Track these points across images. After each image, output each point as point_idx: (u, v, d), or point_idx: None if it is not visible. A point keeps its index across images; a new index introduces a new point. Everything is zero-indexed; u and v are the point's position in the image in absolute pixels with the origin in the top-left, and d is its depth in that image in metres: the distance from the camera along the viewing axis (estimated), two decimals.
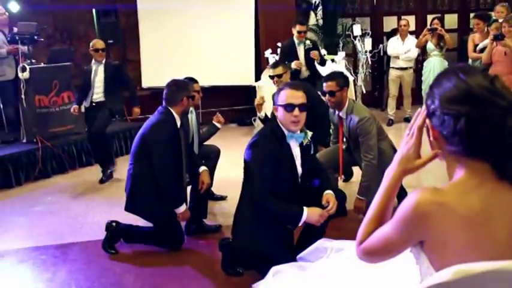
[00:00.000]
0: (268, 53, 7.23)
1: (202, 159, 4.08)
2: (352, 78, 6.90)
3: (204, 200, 4.03)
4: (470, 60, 6.39)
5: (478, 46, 6.15)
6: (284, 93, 2.99)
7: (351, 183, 4.76)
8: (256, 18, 8.00)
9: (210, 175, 3.93)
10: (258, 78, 7.72)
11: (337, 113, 4.05)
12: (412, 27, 8.37)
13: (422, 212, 1.20)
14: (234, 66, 7.94)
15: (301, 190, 3.12)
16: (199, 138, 4.44)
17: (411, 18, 8.51)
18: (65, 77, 6.25)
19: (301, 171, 3.10)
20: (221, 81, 7.85)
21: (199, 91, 4.38)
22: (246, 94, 8.17)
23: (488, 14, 6.83)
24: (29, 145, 5.83)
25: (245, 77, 7.94)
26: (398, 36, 7.55)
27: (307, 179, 3.19)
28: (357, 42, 7.70)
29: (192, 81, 4.28)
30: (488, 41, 5.75)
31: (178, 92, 3.70)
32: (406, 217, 1.23)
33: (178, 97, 3.68)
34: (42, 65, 6.17)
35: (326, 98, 3.94)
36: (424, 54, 7.95)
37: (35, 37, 5.94)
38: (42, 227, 4.31)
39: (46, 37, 6.83)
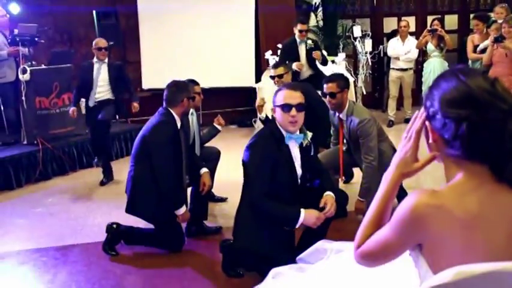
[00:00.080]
0: (268, 54, 7.23)
1: (203, 161, 4.08)
2: (352, 79, 6.90)
3: (205, 201, 4.03)
4: (470, 62, 6.39)
5: (478, 47, 6.15)
6: (281, 93, 3.00)
7: (351, 185, 4.76)
8: (256, 19, 8.00)
9: (210, 177, 3.93)
10: (258, 79, 7.72)
11: (337, 114, 4.05)
12: (412, 28, 8.37)
13: (420, 214, 1.20)
14: (234, 68, 7.94)
15: (301, 191, 3.11)
16: (200, 140, 4.44)
17: (411, 19, 8.53)
18: (66, 79, 6.26)
19: (300, 172, 3.10)
20: (221, 83, 7.86)
21: (200, 93, 4.38)
22: (247, 95, 8.17)
23: (487, 14, 6.83)
24: (29, 147, 5.83)
25: (245, 79, 7.95)
26: (398, 37, 7.55)
27: (307, 180, 3.19)
28: (357, 44, 7.71)
29: (192, 83, 4.28)
30: (488, 42, 5.75)
31: (179, 93, 3.70)
32: (403, 219, 1.23)
33: (178, 98, 3.68)
34: (43, 66, 6.17)
35: (327, 99, 3.95)
36: (424, 55, 7.96)
37: (36, 39, 5.94)
38: (43, 228, 4.31)
39: (46, 39, 6.83)
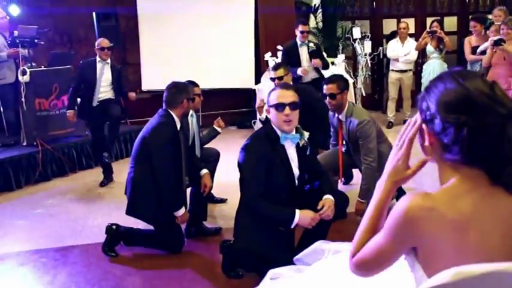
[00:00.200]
0: (268, 56, 7.24)
1: (202, 162, 4.09)
2: (351, 81, 6.91)
3: (204, 202, 4.04)
4: (469, 63, 6.40)
5: (478, 48, 6.15)
6: (274, 93, 3.01)
7: (351, 186, 4.77)
8: (256, 21, 8.01)
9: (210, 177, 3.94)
10: (258, 81, 7.73)
11: (336, 115, 4.06)
12: (412, 30, 8.38)
13: (412, 217, 1.19)
14: (234, 69, 7.95)
15: (300, 192, 3.11)
16: (199, 141, 4.44)
17: (411, 21, 8.54)
18: (65, 80, 6.24)
19: (298, 173, 3.09)
20: (221, 84, 7.86)
21: (200, 94, 4.38)
22: (246, 97, 8.19)
23: (485, 16, 6.84)
24: (29, 148, 5.83)
25: (245, 80, 7.95)
26: (397, 38, 7.56)
27: (306, 181, 3.19)
28: (357, 45, 7.72)
29: (192, 84, 4.28)
30: (488, 44, 5.76)
31: (179, 94, 3.71)
32: (396, 223, 1.23)
33: (178, 99, 3.69)
34: (43, 68, 6.17)
35: (327, 100, 3.96)
36: (423, 56, 7.98)
37: (35, 40, 5.94)
38: (43, 229, 4.31)
39: (46, 40, 6.83)
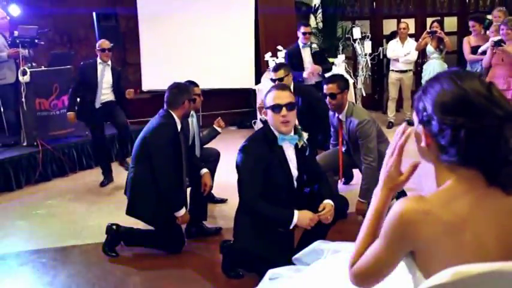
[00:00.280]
0: (268, 56, 7.24)
1: (202, 162, 4.09)
2: (352, 81, 6.90)
3: (204, 202, 4.04)
4: (469, 63, 6.40)
5: (480, 48, 6.15)
6: (270, 95, 2.99)
7: (351, 186, 4.77)
8: (256, 21, 8.01)
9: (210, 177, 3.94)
10: (258, 81, 7.73)
11: (336, 115, 4.06)
12: (412, 30, 8.38)
13: (408, 221, 1.19)
14: (234, 70, 7.95)
15: (298, 193, 3.11)
16: (200, 141, 4.45)
17: (411, 21, 8.54)
18: (66, 81, 6.25)
19: (296, 174, 3.08)
20: (221, 84, 7.86)
21: (200, 94, 4.39)
22: (246, 97, 8.19)
23: (483, 16, 6.84)
24: (29, 148, 5.83)
25: (245, 80, 7.95)
26: (397, 39, 7.56)
27: (305, 183, 3.18)
28: (357, 45, 7.71)
29: (192, 84, 4.28)
30: (489, 44, 5.76)
31: (180, 95, 3.70)
32: (392, 228, 1.22)
33: (179, 100, 3.69)
34: (43, 68, 6.17)
35: (327, 100, 3.96)
36: (423, 57, 7.98)
37: (36, 41, 5.94)
38: (43, 230, 4.31)
39: (46, 41, 6.84)
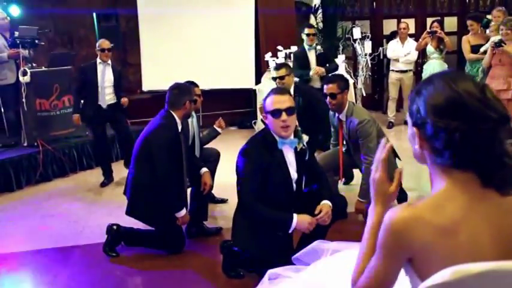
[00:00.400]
0: (268, 56, 7.24)
1: (202, 162, 4.09)
2: (352, 81, 6.90)
3: (205, 202, 4.04)
4: (468, 63, 6.39)
5: (481, 48, 6.14)
6: (270, 100, 2.97)
7: (351, 186, 4.77)
8: (256, 21, 8.02)
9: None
10: (258, 81, 7.73)
11: (337, 115, 4.07)
12: (412, 30, 8.39)
13: (399, 229, 1.19)
14: (234, 70, 7.95)
15: (297, 196, 3.11)
16: (200, 141, 4.45)
17: (411, 21, 8.54)
18: (66, 81, 6.27)
19: (296, 176, 3.08)
20: (221, 85, 7.87)
21: (200, 95, 4.39)
22: (246, 97, 8.19)
23: (481, 15, 6.84)
24: (29, 149, 5.84)
25: (245, 80, 7.96)
26: (398, 39, 7.57)
27: (305, 184, 3.18)
28: (357, 45, 7.70)
29: (192, 85, 4.28)
30: (489, 44, 5.76)
31: (181, 95, 3.70)
32: (385, 239, 1.23)
33: (181, 101, 3.69)
34: (43, 68, 6.17)
35: (327, 100, 3.96)
36: (423, 57, 7.98)
37: (36, 41, 5.95)
38: (43, 230, 4.31)
39: (47, 41, 6.85)
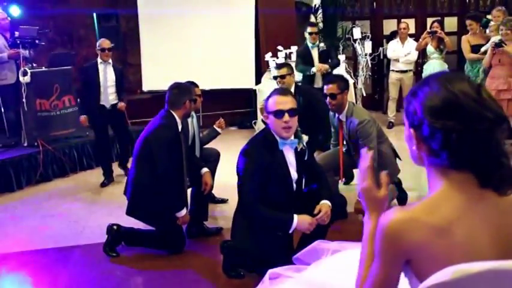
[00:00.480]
0: (268, 57, 7.24)
1: (202, 162, 4.09)
2: (352, 81, 6.90)
3: (205, 202, 4.04)
4: (468, 63, 6.39)
5: (482, 48, 6.14)
6: (272, 100, 2.98)
7: (351, 186, 4.77)
8: (256, 21, 8.02)
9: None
10: (258, 81, 7.73)
11: (337, 115, 4.07)
12: (412, 30, 8.39)
13: (393, 232, 1.20)
14: (234, 70, 7.95)
15: (297, 196, 3.11)
16: (199, 141, 4.45)
17: (411, 21, 8.54)
18: (66, 81, 6.27)
19: (296, 177, 3.09)
20: (221, 85, 7.87)
21: (200, 95, 4.39)
22: (247, 97, 8.19)
23: (480, 14, 6.84)
24: (30, 149, 5.84)
25: (245, 81, 7.96)
26: (398, 39, 7.57)
27: (305, 184, 3.18)
28: (357, 45, 7.71)
29: (192, 85, 4.29)
30: (489, 44, 5.76)
31: (181, 95, 3.71)
32: (381, 244, 1.23)
33: (181, 100, 3.69)
34: (43, 69, 6.18)
35: (327, 100, 3.97)
36: (424, 57, 7.98)
37: (36, 41, 5.95)
38: (44, 230, 4.32)
39: (47, 41, 6.84)
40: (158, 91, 7.12)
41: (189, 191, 4.00)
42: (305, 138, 3.09)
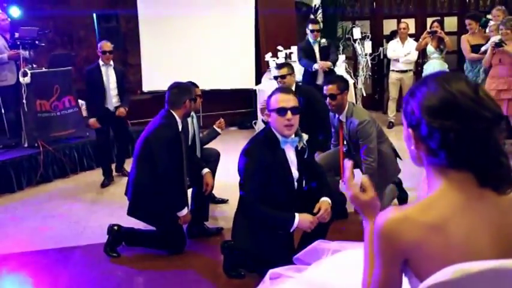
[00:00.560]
0: (268, 57, 7.25)
1: (203, 163, 4.10)
2: (352, 81, 6.91)
3: (205, 202, 4.05)
4: (468, 62, 6.39)
5: (482, 48, 6.14)
6: (275, 98, 2.98)
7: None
8: (256, 22, 8.02)
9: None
10: (258, 81, 7.73)
11: (337, 116, 4.07)
12: (412, 30, 8.39)
13: (388, 232, 1.20)
14: (234, 70, 7.96)
15: (298, 194, 3.11)
16: (200, 141, 4.45)
17: (411, 21, 8.54)
18: (66, 82, 6.28)
19: (297, 175, 3.09)
20: (221, 85, 7.87)
21: (200, 95, 4.39)
22: (247, 98, 8.19)
23: (480, 14, 6.84)
24: (30, 150, 5.84)
25: (245, 81, 7.96)
26: (398, 39, 7.57)
27: (305, 182, 3.19)
28: (357, 45, 7.72)
29: (192, 85, 4.29)
30: (489, 44, 5.76)
31: (181, 95, 3.71)
32: (378, 245, 1.23)
33: (181, 100, 3.70)
34: (43, 69, 6.17)
35: (327, 101, 3.97)
36: (424, 57, 7.98)
37: (36, 42, 5.95)
38: (44, 231, 4.32)
39: (47, 42, 6.84)
40: (158, 91, 7.13)
41: (190, 191, 4.01)
42: (305, 136, 3.10)
